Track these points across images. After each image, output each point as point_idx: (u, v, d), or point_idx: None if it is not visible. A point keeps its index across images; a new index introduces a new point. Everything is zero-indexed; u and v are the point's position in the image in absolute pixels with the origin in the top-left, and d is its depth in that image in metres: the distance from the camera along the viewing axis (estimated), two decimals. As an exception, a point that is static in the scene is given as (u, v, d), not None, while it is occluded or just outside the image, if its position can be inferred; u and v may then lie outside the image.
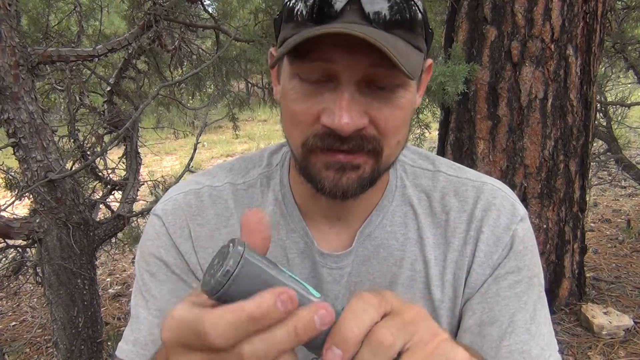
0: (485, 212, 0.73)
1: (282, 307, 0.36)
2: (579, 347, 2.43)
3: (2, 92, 1.86)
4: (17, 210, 2.74)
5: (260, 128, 10.94)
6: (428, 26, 0.63)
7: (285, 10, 0.60)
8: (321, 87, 0.59)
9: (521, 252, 0.73)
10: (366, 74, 0.57)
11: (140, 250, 0.77)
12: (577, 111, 2.50)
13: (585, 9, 2.40)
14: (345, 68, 0.57)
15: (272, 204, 0.75)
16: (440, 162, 0.79)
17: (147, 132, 5.01)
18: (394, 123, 0.61)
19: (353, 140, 0.59)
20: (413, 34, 0.59)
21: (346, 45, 0.55)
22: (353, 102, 0.57)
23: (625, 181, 5.10)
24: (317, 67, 0.58)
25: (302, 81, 0.60)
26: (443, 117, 2.73)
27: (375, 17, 0.56)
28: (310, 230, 0.73)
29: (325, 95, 0.59)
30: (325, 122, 0.58)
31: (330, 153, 0.60)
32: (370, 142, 0.60)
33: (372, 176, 0.63)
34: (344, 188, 0.62)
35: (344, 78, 0.57)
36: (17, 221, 2.04)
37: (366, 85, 0.59)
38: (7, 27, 1.85)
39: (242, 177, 0.78)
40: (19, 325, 3.17)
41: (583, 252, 2.80)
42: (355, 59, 0.56)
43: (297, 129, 0.62)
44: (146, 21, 2.40)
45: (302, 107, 0.60)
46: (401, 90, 0.60)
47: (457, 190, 0.75)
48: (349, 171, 0.61)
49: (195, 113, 6.68)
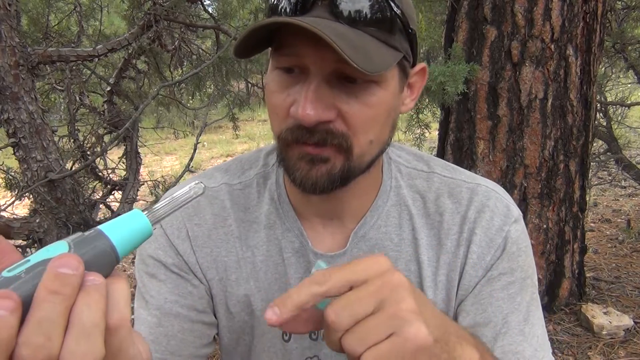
0: (478, 214, 0.73)
1: (3, 311, 0.31)
2: (579, 347, 2.43)
3: (2, 92, 1.86)
4: (17, 210, 2.74)
5: (260, 128, 10.94)
6: (408, 26, 0.62)
7: (268, 3, 0.62)
8: (294, 79, 0.61)
9: (514, 254, 0.73)
10: (336, 68, 0.58)
11: (138, 253, 0.77)
12: (577, 111, 2.50)
13: (585, 9, 2.40)
14: (313, 61, 0.58)
15: (268, 204, 0.76)
16: (435, 163, 0.79)
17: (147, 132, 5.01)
18: (362, 119, 0.61)
19: (318, 134, 0.60)
20: (385, 32, 0.59)
21: (314, 40, 0.55)
22: (318, 94, 0.58)
23: (625, 181, 5.10)
24: (288, 60, 0.60)
25: (279, 72, 0.62)
26: (443, 117, 2.73)
27: (341, 13, 0.57)
28: (306, 230, 0.74)
29: (296, 88, 0.61)
30: (292, 112, 0.60)
31: (300, 145, 0.61)
32: (336, 137, 0.60)
33: (342, 173, 0.63)
34: (313, 181, 0.62)
35: (312, 71, 0.59)
36: (17, 221, 2.04)
37: (336, 79, 0.59)
38: (7, 27, 1.85)
39: (238, 177, 0.78)
40: (19, 325, 3.16)
41: (583, 252, 2.80)
42: (323, 53, 0.57)
43: (275, 122, 0.64)
44: (146, 21, 2.40)
45: (277, 99, 0.62)
46: (374, 87, 0.60)
47: (452, 191, 0.75)
48: (318, 164, 0.62)
49: (195, 113, 6.68)
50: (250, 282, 0.75)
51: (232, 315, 0.76)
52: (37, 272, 0.33)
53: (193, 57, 3.23)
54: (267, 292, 0.74)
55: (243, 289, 0.75)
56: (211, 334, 0.78)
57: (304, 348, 0.76)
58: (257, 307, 0.75)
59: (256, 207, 0.76)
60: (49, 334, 0.32)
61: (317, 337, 0.75)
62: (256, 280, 0.75)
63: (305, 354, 0.76)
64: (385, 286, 0.45)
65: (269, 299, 0.74)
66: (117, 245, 0.37)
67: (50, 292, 0.32)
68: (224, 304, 0.76)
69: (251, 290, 0.75)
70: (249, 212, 0.76)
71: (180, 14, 2.64)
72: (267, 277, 0.74)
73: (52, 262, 0.33)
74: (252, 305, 0.75)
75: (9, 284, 0.33)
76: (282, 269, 0.74)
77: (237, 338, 0.78)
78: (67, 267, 0.33)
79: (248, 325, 0.76)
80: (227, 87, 3.16)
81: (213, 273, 0.75)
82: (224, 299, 0.76)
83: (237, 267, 0.75)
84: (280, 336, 0.76)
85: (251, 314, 0.75)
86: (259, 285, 0.75)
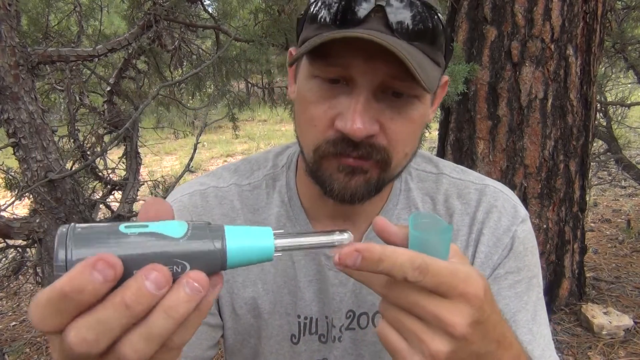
0: (487, 215, 0.73)
1: (100, 276, 0.31)
2: (579, 347, 2.43)
3: (2, 92, 1.86)
4: (17, 210, 2.74)
5: (260, 128, 10.94)
6: (449, 42, 0.63)
7: (310, 11, 0.61)
8: (338, 90, 0.60)
9: (521, 253, 0.73)
10: (383, 81, 0.58)
11: None
12: (577, 111, 2.50)
13: (585, 9, 2.40)
14: (363, 74, 0.57)
15: (278, 206, 0.75)
16: (443, 164, 0.79)
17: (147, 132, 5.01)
18: (403, 135, 0.61)
19: (363, 148, 0.59)
20: (433, 48, 0.59)
21: (365, 52, 0.55)
22: (367, 108, 0.58)
23: (625, 181, 5.10)
24: (335, 70, 0.59)
25: (320, 82, 0.60)
26: (443, 117, 2.73)
27: (398, 27, 0.56)
28: None
29: (341, 99, 0.59)
30: (338, 126, 0.59)
31: (340, 157, 0.61)
32: (379, 152, 0.60)
33: (378, 183, 0.63)
34: (352, 191, 0.62)
35: (360, 84, 0.58)
36: (17, 221, 2.04)
37: (382, 92, 0.59)
38: (7, 27, 1.85)
39: (247, 178, 0.78)
40: (19, 325, 3.16)
41: (583, 252, 2.80)
42: (374, 66, 0.56)
43: (311, 133, 0.62)
44: (146, 21, 2.40)
45: (318, 110, 0.61)
46: (416, 102, 0.61)
47: (460, 192, 0.75)
48: (357, 174, 0.61)
49: (195, 113, 6.68)
50: (257, 285, 0.75)
51: (238, 317, 0.76)
52: (144, 242, 0.34)
53: (193, 57, 3.23)
54: (275, 294, 0.74)
55: (250, 291, 0.75)
56: (217, 336, 0.78)
57: (312, 350, 0.76)
58: (264, 310, 0.75)
59: (265, 209, 0.76)
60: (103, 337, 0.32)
61: (327, 340, 0.75)
62: (264, 283, 0.75)
63: (314, 357, 0.76)
64: (440, 321, 0.41)
65: (277, 302, 0.74)
66: (231, 252, 0.36)
67: (122, 304, 0.32)
68: (230, 306, 0.76)
69: (258, 292, 0.74)
70: (257, 213, 0.76)
71: (180, 14, 2.64)
72: (275, 280, 0.74)
73: (143, 271, 0.33)
74: (259, 308, 0.75)
75: (119, 238, 0.34)
76: (291, 272, 0.74)
77: (242, 340, 0.78)
78: (155, 285, 0.33)
79: (254, 327, 0.76)
80: (227, 87, 3.16)
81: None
82: (230, 300, 0.75)
83: (244, 269, 0.75)
84: (289, 338, 0.76)
85: (258, 316, 0.75)
86: (266, 287, 0.75)
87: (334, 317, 0.74)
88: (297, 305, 0.74)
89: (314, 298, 0.74)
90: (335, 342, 0.75)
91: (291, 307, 0.74)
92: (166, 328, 0.33)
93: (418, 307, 0.41)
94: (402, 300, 0.42)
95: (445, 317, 0.41)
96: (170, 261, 0.34)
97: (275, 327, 0.75)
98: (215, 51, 3.12)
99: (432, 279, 0.40)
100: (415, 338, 0.42)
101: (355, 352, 0.75)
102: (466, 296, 0.41)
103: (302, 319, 0.75)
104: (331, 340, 0.75)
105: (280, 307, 0.75)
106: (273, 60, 4.21)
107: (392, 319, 0.43)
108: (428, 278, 0.40)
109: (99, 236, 0.34)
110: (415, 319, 0.42)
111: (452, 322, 0.41)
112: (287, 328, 0.75)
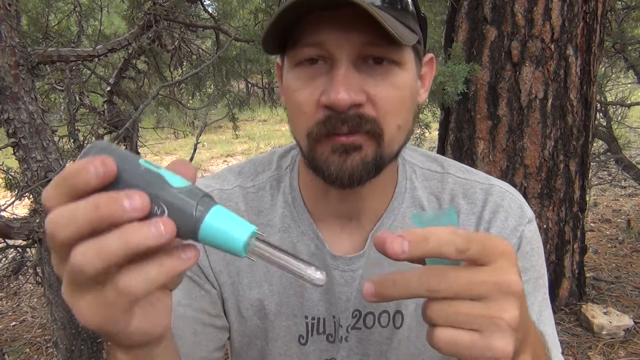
0: (493, 214, 0.73)
1: (92, 169, 0.34)
2: (579, 347, 2.43)
3: (2, 92, 1.86)
4: (17, 210, 2.74)
5: (260, 128, 10.94)
6: (419, 10, 0.64)
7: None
8: (318, 70, 0.61)
9: (528, 253, 0.73)
10: (361, 51, 0.58)
11: None
12: (577, 111, 2.50)
13: (585, 9, 2.40)
14: (338, 47, 0.58)
15: (282, 207, 0.75)
16: (448, 164, 0.79)
17: (147, 132, 5.01)
18: (391, 101, 0.61)
19: (351, 120, 0.59)
20: (403, 13, 0.61)
21: (337, 24, 0.55)
22: (348, 78, 0.58)
23: (625, 181, 5.10)
24: (310, 50, 0.60)
25: (300, 68, 0.61)
26: (443, 117, 2.73)
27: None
28: (322, 233, 0.73)
29: (323, 78, 0.60)
30: (323, 101, 0.59)
31: (332, 138, 0.61)
32: (368, 122, 0.60)
33: (375, 161, 0.63)
34: (350, 172, 0.61)
35: (338, 56, 0.58)
36: (17, 221, 2.04)
37: (362, 62, 0.60)
38: (7, 27, 1.85)
39: (252, 180, 0.78)
40: (19, 325, 3.17)
41: (583, 252, 2.80)
42: (347, 37, 0.57)
43: (302, 120, 0.63)
44: (146, 21, 2.40)
45: (303, 95, 0.61)
46: (397, 68, 0.61)
47: (466, 192, 0.75)
48: (352, 153, 0.61)
49: (195, 113, 6.68)
50: (263, 286, 0.74)
51: (244, 319, 0.76)
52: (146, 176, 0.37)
53: (193, 57, 3.23)
54: (281, 296, 0.74)
55: (256, 292, 0.75)
56: (223, 338, 0.78)
57: (321, 350, 0.75)
58: (270, 311, 0.75)
59: (270, 210, 0.76)
60: (68, 225, 0.35)
61: (334, 340, 0.75)
62: (270, 284, 0.74)
63: (322, 357, 0.76)
64: (502, 284, 0.40)
65: (283, 303, 0.74)
66: (205, 225, 0.37)
67: (94, 203, 0.35)
68: (236, 308, 0.76)
69: (264, 294, 0.74)
70: (262, 215, 0.76)
71: (180, 14, 2.64)
72: (281, 282, 0.74)
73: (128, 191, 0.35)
74: (265, 309, 0.75)
75: (132, 165, 0.37)
76: None
77: (248, 342, 0.78)
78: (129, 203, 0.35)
79: (261, 329, 0.76)
80: (227, 87, 3.16)
81: (225, 277, 0.75)
82: (236, 302, 0.75)
83: (249, 270, 0.75)
84: (297, 339, 0.75)
85: (264, 318, 0.75)
86: (272, 289, 0.74)
87: (341, 316, 0.74)
88: (304, 306, 0.74)
89: (321, 298, 0.74)
90: (342, 342, 0.75)
91: (298, 308, 0.74)
92: (116, 250, 0.34)
93: (473, 284, 0.40)
94: (455, 286, 0.40)
95: (504, 279, 0.40)
96: (156, 202, 0.36)
97: (282, 328, 0.75)
98: (215, 51, 3.12)
99: (477, 246, 0.40)
100: (483, 320, 0.40)
101: (361, 351, 0.75)
102: (507, 253, 0.41)
103: (309, 320, 0.75)
104: (338, 340, 0.75)
105: (287, 308, 0.74)
106: (273, 60, 4.21)
107: (449, 319, 0.41)
108: (473, 245, 0.39)
109: (118, 154, 0.37)
110: (473, 303, 0.40)
111: (509, 281, 0.40)
112: (294, 329, 0.75)
